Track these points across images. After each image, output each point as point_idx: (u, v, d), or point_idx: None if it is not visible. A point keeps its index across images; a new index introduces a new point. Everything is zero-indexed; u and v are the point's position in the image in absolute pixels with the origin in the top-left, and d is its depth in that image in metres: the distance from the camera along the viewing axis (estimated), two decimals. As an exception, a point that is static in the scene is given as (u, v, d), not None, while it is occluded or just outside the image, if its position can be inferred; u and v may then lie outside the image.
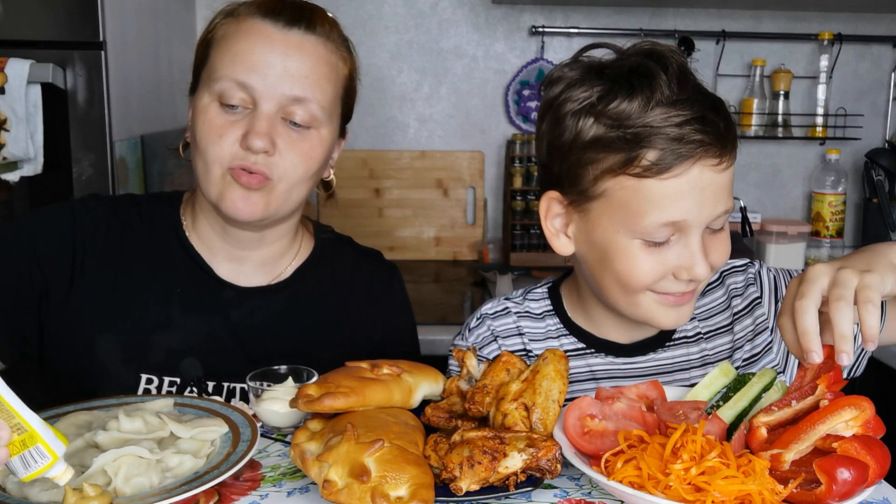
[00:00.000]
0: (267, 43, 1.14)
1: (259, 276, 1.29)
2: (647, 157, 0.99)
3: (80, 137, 1.92)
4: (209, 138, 1.15)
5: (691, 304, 1.10)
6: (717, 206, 1.02)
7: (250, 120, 1.14)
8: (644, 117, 0.99)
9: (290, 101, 1.15)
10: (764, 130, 2.74)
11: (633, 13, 2.73)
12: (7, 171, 1.87)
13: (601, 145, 1.02)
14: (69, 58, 1.88)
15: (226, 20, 1.19)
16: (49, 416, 1.02)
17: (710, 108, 1.01)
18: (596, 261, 1.09)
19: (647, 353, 1.20)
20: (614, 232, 1.04)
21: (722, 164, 1.01)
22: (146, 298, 1.23)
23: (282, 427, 1.06)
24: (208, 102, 1.15)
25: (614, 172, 1.01)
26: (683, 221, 1.01)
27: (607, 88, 1.02)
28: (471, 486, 0.84)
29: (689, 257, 1.03)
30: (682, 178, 0.99)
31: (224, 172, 1.15)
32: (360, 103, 1.36)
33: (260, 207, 1.16)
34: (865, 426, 0.85)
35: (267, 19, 1.15)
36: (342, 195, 2.72)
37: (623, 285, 1.06)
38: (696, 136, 0.98)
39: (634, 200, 1.01)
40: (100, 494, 0.80)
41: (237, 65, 1.14)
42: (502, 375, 0.98)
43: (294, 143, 1.16)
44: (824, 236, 2.73)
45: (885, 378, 1.93)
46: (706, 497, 0.78)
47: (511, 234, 2.70)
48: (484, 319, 1.26)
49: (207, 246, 1.28)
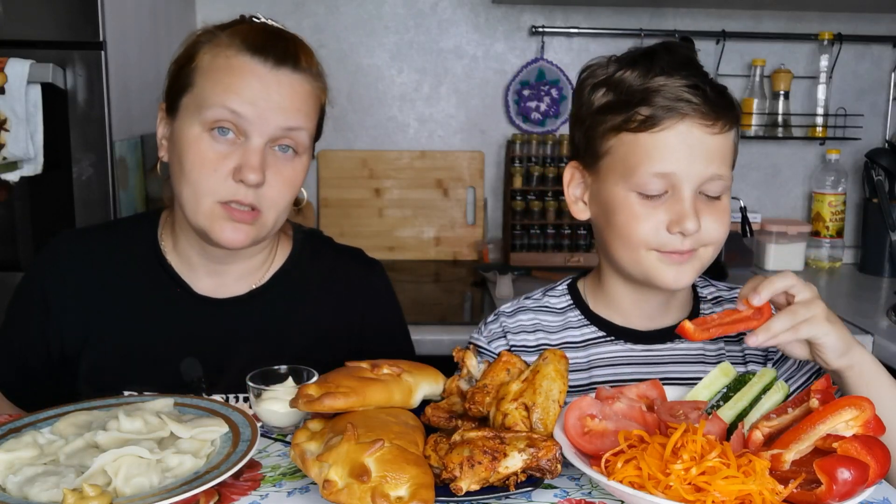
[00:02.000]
0: (258, 81, 1.17)
1: (239, 285, 1.32)
2: (641, 112, 1.11)
3: (80, 137, 1.92)
4: (201, 171, 1.17)
5: (691, 266, 1.16)
6: (709, 166, 1.11)
7: (243, 153, 1.16)
8: (643, 83, 1.12)
9: (282, 131, 1.18)
10: (764, 130, 2.74)
11: (633, 13, 2.73)
12: (7, 171, 1.86)
13: (607, 108, 1.15)
14: (69, 58, 1.88)
15: (210, 48, 1.20)
16: (49, 416, 1.02)
17: (707, 82, 1.12)
18: (603, 220, 1.18)
19: (666, 341, 1.24)
20: (615, 185, 1.14)
21: (713, 127, 1.10)
22: (127, 320, 1.28)
23: (282, 427, 1.06)
24: (199, 133, 1.17)
25: (616, 130, 1.13)
26: (673, 174, 1.10)
27: (619, 67, 1.16)
28: (471, 486, 0.84)
29: (678, 211, 1.11)
30: (671, 131, 1.10)
31: (214, 205, 1.18)
32: (360, 103, 1.36)
33: (250, 237, 1.20)
34: (865, 426, 0.85)
35: (256, 58, 1.17)
36: (342, 195, 2.73)
37: (625, 240, 1.15)
38: (686, 96, 1.09)
39: (631, 154, 1.12)
40: (100, 494, 0.80)
41: (231, 94, 1.16)
42: (502, 375, 0.98)
43: (281, 171, 1.20)
44: (824, 236, 2.73)
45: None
46: (706, 497, 0.78)
47: (511, 234, 2.70)
48: (499, 316, 1.32)
49: (187, 264, 1.30)
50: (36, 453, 0.91)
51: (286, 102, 1.18)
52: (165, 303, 1.29)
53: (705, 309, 1.29)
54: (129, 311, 1.28)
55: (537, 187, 2.70)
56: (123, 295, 1.29)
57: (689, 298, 1.29)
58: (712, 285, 1.34)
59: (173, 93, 1.23)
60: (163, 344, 1.27)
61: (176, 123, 1.21)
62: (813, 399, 0.90)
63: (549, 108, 2.78)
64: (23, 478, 0.86)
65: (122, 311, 1.28)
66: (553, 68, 2.75)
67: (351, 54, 2.74)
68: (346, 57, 2.73)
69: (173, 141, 1.21)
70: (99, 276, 1.29)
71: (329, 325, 1.34)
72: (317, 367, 1.11)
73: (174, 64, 1.24)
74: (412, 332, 1.85)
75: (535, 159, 2.71)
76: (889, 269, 2.61)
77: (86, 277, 1.29)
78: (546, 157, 2.71)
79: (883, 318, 2.13)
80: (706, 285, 1.33)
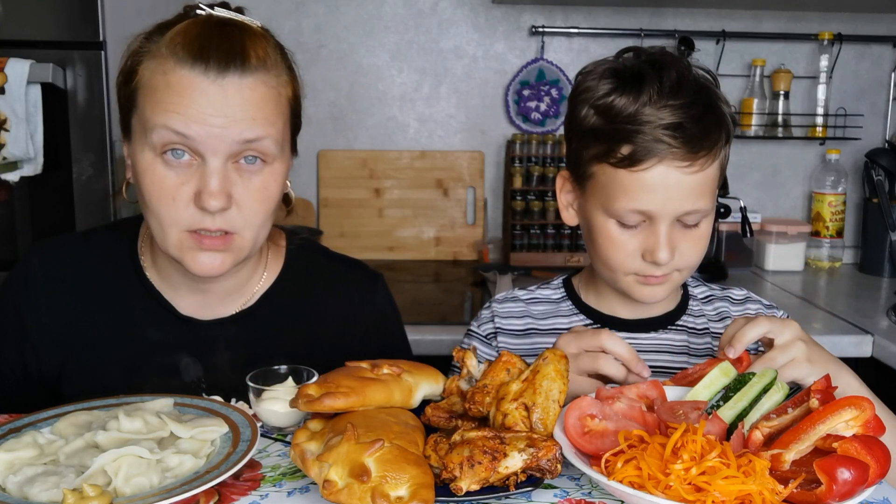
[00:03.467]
0: (202, 97, 1.04)
1: (225, 305, 1.23)
2: (622, 150, 1.12)
3: (80, 137, 1.92)
4: (161, 201, 1.07)
5: (668, 286, 1.21)
6: (685, 203, 1.13)
7: (200, 176, 1.05)
8: (628, 115, 1.12)
9: (240, 145, 1.06)
10: (764, 130, 2.74)
11: (633, 13, 2.73)
12: (7, 171, 1.87)
13: (593, 134, 1.16)
14: (69, 58, 1.88)
15: (148, 61, 1.08)
16: (49, 416, 1.02)
17: (692, 117, 1.11)
18: (587, 235, 1.24)
19: (650, 331, 1.29)
20: (596, 210, 1.18)
21: (692, 168, 1.12)
22: (107, 338, 1.21)
23: (282, 427, 1.06)
24: (152, 159, 1.06)
25: (598, 160, 1.16)
26: (649, 211, 1.13)
27: (612, 87, 1.15)
28: (471, 486, 0.84)
29: (653, 242, 1.14)
30: (648, 173, 1.11)
31: (182, 235, 1.08)
32: (360, 103, 1.35)
33: (228, 262, 1.11)
34: (865, 426, 0.85)
35: (196, 68, 1.04)
36: (342, 195, 2.73)
37: (603, 261, 1.20)
38: (666, 139, 1.10)
39: (611, 186, 1.15)
40: (100, 494, 0.80)
41: (171, 115, 1.04)
42: (502, 375, 0.98)
43: (248, 187, 1.08)
44: (824, 236, 2.73)
45: (885, 378, 1.93)
46: (706, 497, 0.78)
47: (511, 234, 2.70)
48: (491, 304, 1.38)
49: (168, 282, 1.22)
50: (36, 453, 0.91)
51: (238, 114, 1.05)
52: (147, 323, 1.21)
53: (694, 306, 1.32)
54: (108, 331, 1.21)
55: (537, 187, 2.70)
56: (102, 313, 1.21)
57: (676, 291, 1.32)
58: (704, 285, 1.37)
59: (124, 112, 1.13)
60: (145, 366, 1.20)
61: (131, 146, 1.12)
62: (813, 399, 0.90)
63: (549, 108, 2.78)
64: (23, 478, 0.86)
65: (101, 331, 1.21)
66: (553, 68, 2.75)
67: (351, 54, 2.74)
68: (346, 57, 2.73)
69: (133, 165, 1.11)
70: (76, 293, 1.22)
71: (325, 347, 1.25)
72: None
73: (119, 76, 1.13)
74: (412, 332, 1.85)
75: (535, 159, 2.71)
76: (889, 269, 2.61)
77: (61, 295, 1.21)
78: (546, 157, 2.71)
79: (883, 318, 2.13)
80: (698, 285, 1.36)
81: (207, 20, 1.09)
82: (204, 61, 1.04)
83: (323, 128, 2.74)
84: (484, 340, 1.33)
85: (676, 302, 1.32)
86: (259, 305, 1.25)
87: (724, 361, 1.04)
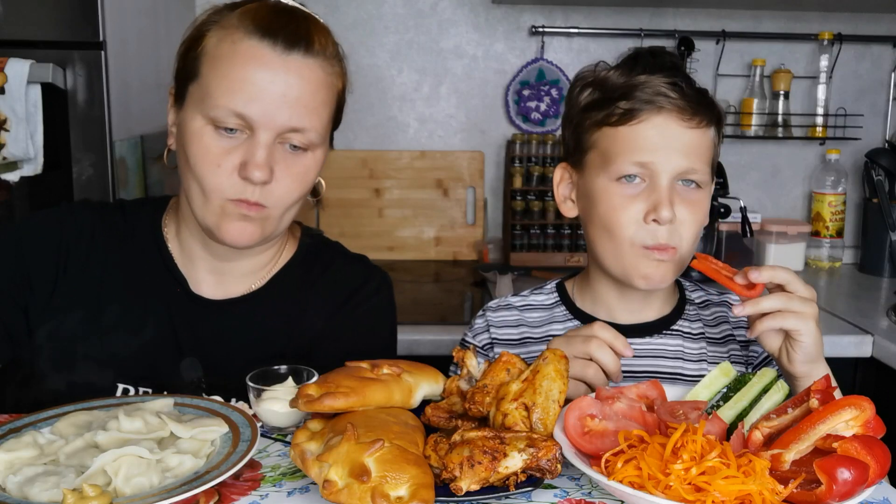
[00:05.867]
0: (265, 69, 1.09)
1: (240, 285, 1.27)
2: (621, 106, 1.17)
3: (80, 137, 1.92)
4: (206, 167, 1.11)
5: (670, 266, 1.19)
6: (685, 160, 1.15)
7: (248, 148, 1.10)
8: (625, 80, 1.18)
9: (289, 130, 1.12)
10: (764, 130, 2.74)
11: (633, 13, 2.73)
12: (7, 171, 1.86)
13: (591, 106, 1.21)
14: (69, 58, 1.88)
15: (216, 30, 1.13)
16: (49, 416, 1.02)
17: (688, 82, 1.18)
18: (588, 214, 1.23)
19: (645, 336, 1.28)
20: (597, 177, 1.20)
21: (690, 122, 1.15)
22: (122, 308, 1.22)
23: (282, 427, 1.06)
24: (202, 126, 1.11)
25: (599, 125, 1.19)
26: (651, 163, 1.15)
27: (605, 68, 1.23)
28: (471, 486, 0.84)
29: (654, 200, 1.15)
30: (648, 123, 1.15)
31: (223, 202, 1.12)
32: (360, 103, 1.35)
33: (256, 235, 1.15)
34: (865, 426, 0.85)
35: (264, 41, 1.10)
36: (342, 195, 2.73)
37: (607, 231, 1.19)
38: (664, 90, 1.15)
39: (612, 145, 1.18)
40: (100, 494, 0.80)
41: (234, 94, 1.09)
42: (502, 375, 0.98)
43: (290, 167, 1.14)
44: (824, 236, 2.73)
45: (885, 378, 1.93)
46: (706, 497, 0.78)
47: (511, 234, 2.70)
48: (485, 312, 1.37)
49: (188, 257, 1.25)
50: (36, 453, 0.91)
51: (294, 94, 1.10)
52: (159, 295, 1.23)
53: (690, 311, 1.32)
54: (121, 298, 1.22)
55: (537, 187, 2.70)
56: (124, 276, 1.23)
57: (672, 295, 1.33)
58: (702, 290, 1.37)
59: (181, 79, 1.16)
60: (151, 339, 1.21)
61: (182, 113, 1.15)
62: (813, 399, 0.90)
63: (549, 108, 2.78)
64: (23, 478, 0.86)
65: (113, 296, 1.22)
66: (553, 68, 2.75)
67: (351, 54, 2.69)
68: (346, 57, 2.72)
69: (180, 130, 1.15)
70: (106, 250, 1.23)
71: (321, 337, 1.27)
72: (303, 362, 1.10)
73: (183, 45, 1.17)
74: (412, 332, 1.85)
75: (535, 159, 2.71)
76: (889, 269, 2.61)
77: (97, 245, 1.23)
78: (546, 157, 2.71)
79: (883, 318, 2.13)
80: (696, 289, 1.37)
81: (276, 4, 1.16)
82: (273, 36, 1.10)
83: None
84: (480, 351, 1.33)
85: (672, 306, 1.32)
86: (269, 286, 1.28)
87: (725, 362, 1.04)
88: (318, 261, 1.33)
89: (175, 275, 1.25)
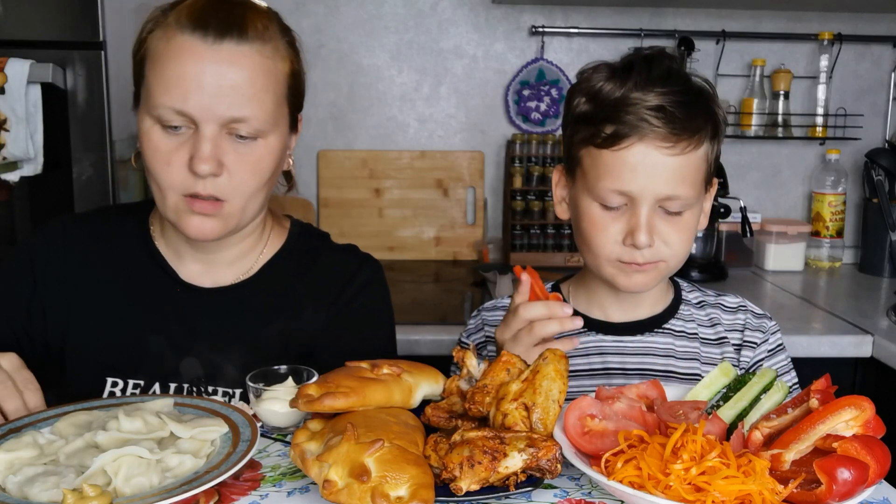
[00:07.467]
0: (197, 62, 1.09)
1: (229, 273, 1.29)
2: (606, 130, 1.15)
3: (80, 137, 1.92)
4: (157, 165, 1.13)
5: (652, 276, 1.21)
6: (665, 187, 1.14)
7: (194, 143, 1.11)
8: (615, 99, 1.15)
9: (230, 120, 1.12)
10: (764, 130, 2.74)
11: (633, 13, 2.72)
12: (7, 171, 1.87)
13: (582, 118, 1.19)
14: (69, 58, 1.88)
15: (157, 31, 1.14)
16: (49, 416, 1.02)
17: (677, 102, 1.14)
18: (576, 225, 1.25)
19: (636, 334, 1.29)
20: (582, 194, 1.20)
21: (673, 149, 1.13)
22: (113, 306, 1.26)
23: (282, 427, 1.06)
24: (150, 126, 1.13)
25: (585, 143, 1.18)
26: (630, 192, 1.15)
27: (604, 77, 1.19)
28: (471, 486, 0.84)
29: (633, 224, 1.15)
30: (629, 151, 1.13)
31: (178, 199, 1.15)
32: (360, 103, 1.35)
33: (218, 229, 1.17)
34: (865, 426, 0.85)
35: (196, 34, 1.10)
36: (342, 195, 2.73)
37: (588, 247, 1.21)
38: (647, 117, 1.12)
39: (594, 168, 1.17)
40: (100, 494, 0.80)
41: (171, 92, 1.10)
42: (502, 375, 0.98)
43: (241, 157, 1.14)
44: (824, 236, 2.73)
45: (885, 378, 1.93)
46: (706, 497, 0.78)
47: (511, 234, 2.70)
48: (479, 311, 1.40)
49: (175, 251, 1.29)
50: (36, 453, 0.91)
51: (228, 84, 1.10)
52: (151, 290, 1.27)
53: (685, 311, 1.32)
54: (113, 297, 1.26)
55: (537, 187, 2.70)
56: (109, 280, 1.27)
57: (665, 295, 1.33)
58: (699, 290, 1.37)
59: (135, 82, 1.18)
60: (146, 332, 1.24)
61: (138, 115, 1.17)
62: (813, 399, 0.90)
63: (549, 108, 2.78)
64: (23, 478, 0.86)
65: (106, 296, 1.26)
66: (553, 68, 2.75)
67: (351, 54, 2.74)
68: (346, 57, 2.73)
69: (138, 132, 1.17)
70: (89, 261, 1.28)
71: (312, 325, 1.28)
72: (303, 362, 1.11)
73: (132, 51, 1.19)
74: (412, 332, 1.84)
75: (535, 159, 2.71)
76: (889, 269, 2.60)
77: (76, 261, 1.27)
78: (546, 157, 2.71)
79: (883, 318, 2.12)
80: (693, 290, 1.36)
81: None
82: (203, 28, 1.10)
83: (323, 128, 2.74)
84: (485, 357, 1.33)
85: (665, 305, 1.32)
86: (258, 276, 1.29)
87: (725, 362, 1.04)
88: (307, 251, 1.34)
89: (165, 269, 1.28)
